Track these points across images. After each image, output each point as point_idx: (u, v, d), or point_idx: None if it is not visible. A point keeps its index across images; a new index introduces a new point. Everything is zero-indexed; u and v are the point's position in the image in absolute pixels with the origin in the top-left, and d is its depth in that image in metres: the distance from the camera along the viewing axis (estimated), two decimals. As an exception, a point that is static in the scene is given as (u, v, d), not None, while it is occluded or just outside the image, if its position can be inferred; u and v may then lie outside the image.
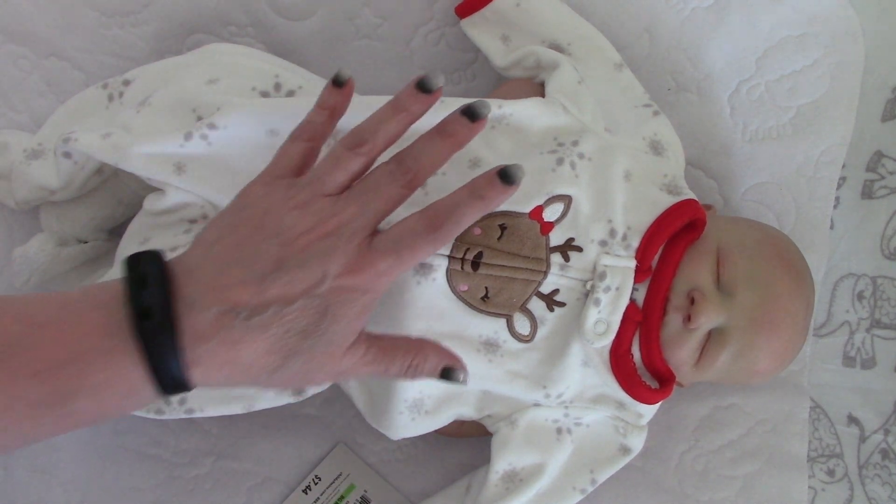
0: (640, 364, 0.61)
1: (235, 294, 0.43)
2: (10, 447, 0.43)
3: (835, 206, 0.75)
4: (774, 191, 0.75)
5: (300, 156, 0.49)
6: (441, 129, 0.48)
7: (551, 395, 0.61)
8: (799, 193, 0.75)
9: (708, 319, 0.58)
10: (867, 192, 0.73)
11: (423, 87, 0.48)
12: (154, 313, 0.42)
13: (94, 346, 0.41)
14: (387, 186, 0.47)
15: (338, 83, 0.50)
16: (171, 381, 0.43)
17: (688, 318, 0.58)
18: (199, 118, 0.59)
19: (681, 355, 0.60)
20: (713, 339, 0.60)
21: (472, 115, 0.48)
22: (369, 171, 0.48)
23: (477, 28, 0.71)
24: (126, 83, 0.64)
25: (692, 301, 0.59)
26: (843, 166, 0.74)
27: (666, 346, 0.60)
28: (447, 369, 0.51)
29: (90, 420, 0.43)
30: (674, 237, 0.60)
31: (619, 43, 0.71)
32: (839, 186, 0.74)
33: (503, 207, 0.57)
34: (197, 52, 0.65)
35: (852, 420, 0.72)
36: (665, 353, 0.60)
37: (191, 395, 0.59)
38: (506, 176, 0.47)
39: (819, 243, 0.75)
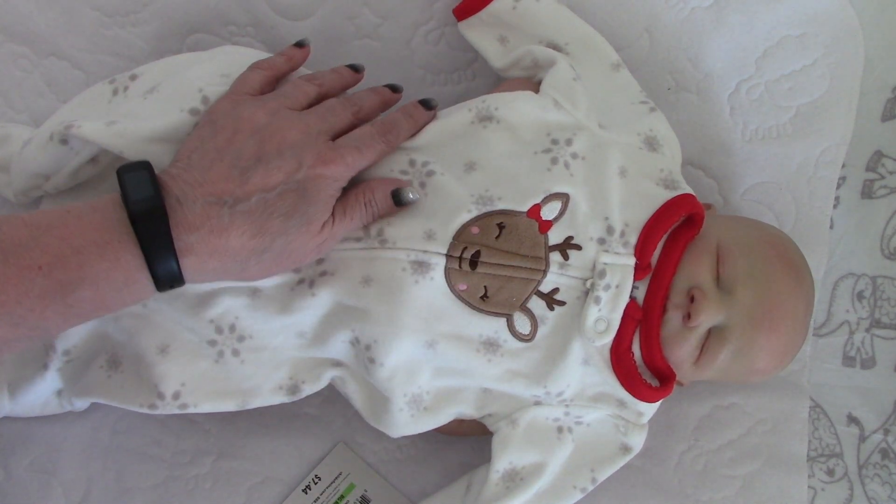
0: (641, 362, 0.61)
1: (221, 187, 0.49)
2: (17, 342, 0.47)
3: (835, 206, 0.75)
4: (774, 191, 0.75)
5: (260, 82, 0.58)
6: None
7: (551, 393, 0.61)
8: (799, 193, 0.75)
9: (708, 318, 0.58)
10: (867, 192, 0.73)
11: (354, 68, 0.63)
12: (146, 206, 0.47)
13: (94, 241, 0.47)
14: (341, 109, 0.57)
15: (299, 45, 0.62)
16: (165, 269, 0.48)
17: (688, 317, 0.58)
18: None
19: (681, 353, 0.60)
20: (713, 337, 0.60)
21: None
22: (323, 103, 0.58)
23: (474, 30, 0.71)
24: (133, 78, 0.63)
25: (692, 299, 0.59)
26: (843, 166, 0.74)
27: (666, 345, 0.60)
28: (396, 193, 0.57)
29: (90, 311, 0.48)
30: (674, 234, 0.60)
31: (619, 43, 0.71)
32: (839, 186, 0.74)
33: (502, 206, 0.57)
34: (209, 52, 0.65)
35: (852, 420, 0.72)
36: (665, 352, 0.60)
37: (185, 391, 0.59)
38: (426, 103, 0.61)
39: (819, 243, 0.75)
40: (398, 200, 0.57)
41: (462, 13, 0.71)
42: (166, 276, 0.48)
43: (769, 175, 0.75)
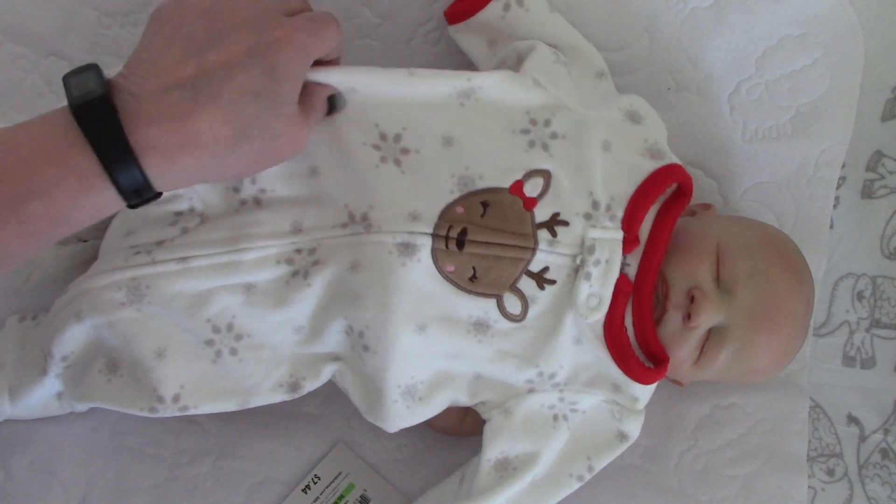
0: (635, 342, 0.61)
1: (176, 72, 0.44)
2: None
3: (835, 206, 0.75)
4: (774, 191, 0.75)
5: None
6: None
7: (544, 374, 0.61)
8: (799, 193, 0.75)
9: (708, 318, 0.59)
10: (867, 192, 0.73)
11: None
12: (88, 98, 0.43)
13: (42, 148, 0.43)
14: None
15: None
16: (123, 170, 0.43)
17: (688, 317, 0.58)
18: None
19: (681, 354, 0.60)
20: (713, 337, 0.60)
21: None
22: None
23: (464, 35, 0.71)
24: None
25: (692, 299, 0.59)
26: (843, 166, 0.74)
27: (666, 345, 0.60)
28: (330, 99, 0.56)
29: (48, 228, 0.44)
30: (665, 206, 0.60)
31: (619, 43, 0.72)
32: (839, 186, 0.74)
33: (484, 185, 0.57)
34: None
35: (852, 420, 0.72)
36: (666, 352, 0.60)
37: (184, 393, 0.59)
38: None
39: (819, 243, 0.75)
40: (332, 107, 0.56)
41: (453, 18, 0.71)
42: (128, 179, 0.44)
43: (769, 175, 0.75)
